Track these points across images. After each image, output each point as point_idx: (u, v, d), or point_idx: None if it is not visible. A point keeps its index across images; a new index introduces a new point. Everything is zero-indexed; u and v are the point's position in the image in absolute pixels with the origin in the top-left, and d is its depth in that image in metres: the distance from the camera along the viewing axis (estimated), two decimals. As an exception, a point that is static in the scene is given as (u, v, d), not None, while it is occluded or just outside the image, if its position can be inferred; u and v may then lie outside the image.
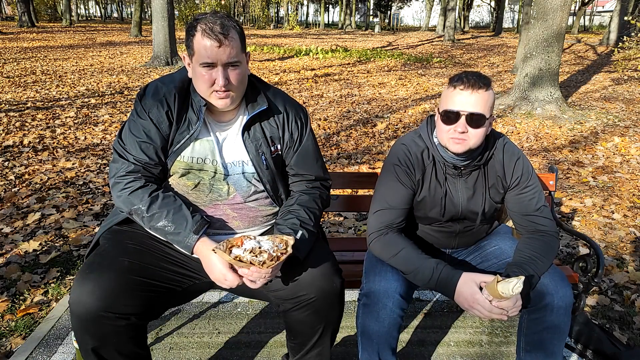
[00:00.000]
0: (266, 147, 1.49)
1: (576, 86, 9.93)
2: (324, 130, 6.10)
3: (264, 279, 1.30)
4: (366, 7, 51.25)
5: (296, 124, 1.53)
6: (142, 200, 1.38)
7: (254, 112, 1.45)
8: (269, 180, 1.51)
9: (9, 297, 2.34)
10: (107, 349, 1.34)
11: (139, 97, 1.43)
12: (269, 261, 1.23)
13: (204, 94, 1.38)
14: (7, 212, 3.34)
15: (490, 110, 1.48)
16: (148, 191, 1.39)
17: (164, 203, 1.39)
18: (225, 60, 1.32)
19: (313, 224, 1.49)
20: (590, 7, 41.24)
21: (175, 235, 1.37)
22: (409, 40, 23.84)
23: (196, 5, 36.68)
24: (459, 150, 1.49)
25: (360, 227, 3.32)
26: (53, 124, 5.90)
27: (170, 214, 1.37)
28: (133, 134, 1.41)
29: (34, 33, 21.05)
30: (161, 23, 11.56)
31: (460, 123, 1.45)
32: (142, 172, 1.41)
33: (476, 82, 1.43)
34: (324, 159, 1.67)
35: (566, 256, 2.94)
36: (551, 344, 1.53)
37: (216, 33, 1.29)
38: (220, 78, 1.32)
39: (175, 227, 1.36)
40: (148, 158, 1.40)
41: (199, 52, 1.31)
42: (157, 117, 1.40)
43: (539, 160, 5.00)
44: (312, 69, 12.21)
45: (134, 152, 1.40)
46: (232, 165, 1.47)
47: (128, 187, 1.39)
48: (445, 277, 1.43)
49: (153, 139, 1.40)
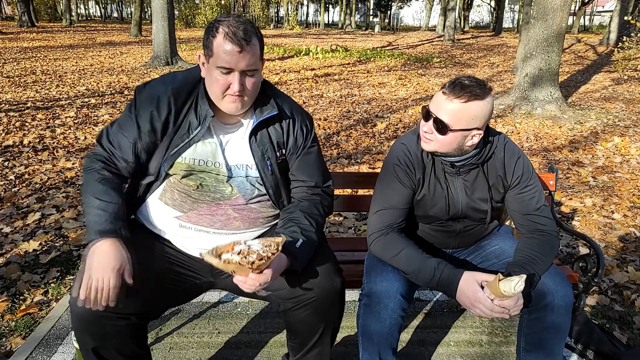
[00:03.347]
0: (272, 152, 1.48)
1: (576, 86, 9.93)
2: (324, 130, 6.10)
3: (259, 286, 1.25)
4: (366, 7, 51.26)
5: (302, 130, 1.52)
6: (89, 184, 1.36)
7: (262, 117, 1.43)
8: (272, 186, 1.50)
9: (9, 297, 2.34)
10: (108, 349, 1.34)
11: (137, 91, 1.43)
12: (258, 261, 1.20)
13: (216, 97, 1.36)
14: (7, 212, 3.34)
15: (464, 123, 1.42)
16: (99, 177, 1.38)
17: (99, 192, 1.34)
18: (244, 67, 1.30)
19: (314, 230, 1.47)
20: (590, 7, 41.25)
21: (88, 224, 1.30)
22: (409, 40, 23.84)
23: (196, 5, 36.69)
24: (426, 148, 1.53)
25: (360, 227, 3.32)
26: (53, 124, 5.90)
27: (100, 205, 1.31)
28: (119, 125, 1.43)
29: (34, 33, 21.06)
30: (161, 23, 11.56)
31: (429, 123, 1.48)
32: (109, 161, 1.42)
33: (460, 90, 1.39)
34: (327, 166, 1.65)
35: (566, 256, 2.94)
36: (551, 343, 1.53)
37: (239, 38, 1.27)
38: (236, 84, 1.31)
39: (89, 221, 1.30)
40: (118, 150, 1.41)
41: (218, 54, 1.29)
42: (142, 114, 1.39)
43: (539, 160, 5.00)
44: (312, 69, 12.21)
45: (112, 140, 1.42)
46: (235, 168, 1.46)
47: (89, 171, 1.40)
48: (446, 277, 1.43)
49: (130, 135, 1.41)
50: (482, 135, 1.48)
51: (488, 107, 1.43)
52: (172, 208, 1.47)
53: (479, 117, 1.42)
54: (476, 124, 1.44)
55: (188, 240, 1.50)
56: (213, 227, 1.48)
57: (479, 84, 1.42)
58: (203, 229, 1.48)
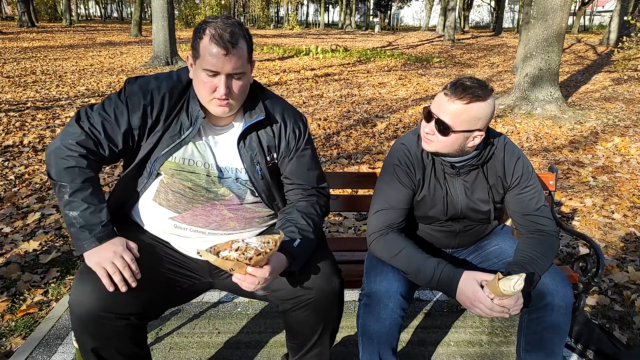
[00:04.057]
0: (261, 156, 1.46)
1: (576, 86, 9.93)
2: (324, 130, 6.10)
3: (258, 284, 1.24)
4: (366, 7, 51.27)
5: (294, 133, 1.50)
6: (73, 182, 1.31)
7: (251, 122, 1.42)
8: (264, 190, 1.49)
9: (9, 297, 2.34)
10: (108, 349, 1.34)
11: (128, 82, 1.41)
12: (256, 256, 1.19)
13: (203, 100, 1.35)
14: (7, 212, 3.34)
15: (466, 124, 1.42)
16: (83, 176, 1.33)
17: (89, 197, 1.32)
18: (230, 71, 1.28)
19: (312, 229, 1.45)
20: (590, 7, 41.25)
21: (79, 232, 1.29)
22: (409, 40, 23.84)
23: (196, 5, 36.69)
24: (427, 149, 1.53)
25: (360, 227, 3.32)
26: (53, 124, 5.90)
27: (88, 211, 1.30)
28: (104, 109, 1.37)
29: (34, 33, 21.06)
30: (161, 23, 11.56)
31: (430, 124, 1.47)
32: (91, 147, 1.35)
33: (462, 92, 1.39)
34: (322, 169, 1.63)
35: (566, 256, 2.94)
36: (551, 343, 1.53)
37: (225, 41, 1.25)
38: (222, 87, 1.29)
39: (83, 226, 1.29)
40: (103, 135, 1.35)
41: (204, 57, 1.28)
42: (134, 105, 1.36)
43: (539, 160, 5.00)
44: (312, 69, 12.21)
45: (94, 123, 1.35)
46: (225, 170, 1.46)
47: (67, 159, 1.32)
48: (446, 276, 1.43)
49: (119, 122, 1.36)
50: (483, 136, 1.48)
51: (490, 108, 1.43)
52: (166, 209, 1.46)
53: (480, 118, 1.42)
54: (478, 125, 1.44)
55: (185, 241, 1.50)
56: (208, 228, 1.48)
57: (480, 85, 1.41)
58: (198, 230, 1.47)
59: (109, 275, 1.26)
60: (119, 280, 1.26)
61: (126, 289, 1.27)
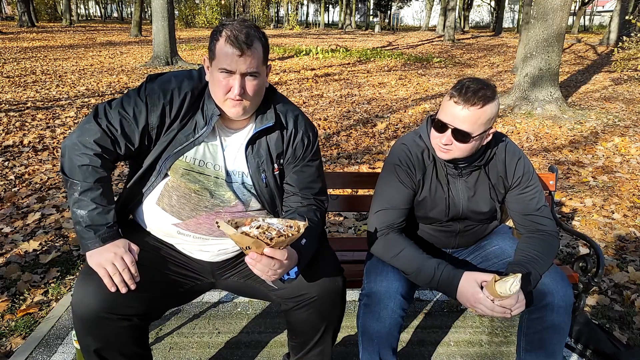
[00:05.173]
0: (268, 164, 1.46)
1: (576, 86, 9.93)
2: (324, 130, 6.10)
3: (269, 271, 1.17)
4: (366, 7, 51.28)
5: (302, 142, 1.50)
6: (85, 180, 1.31)
7: (261, 127, 1.43)
8: (267, 199, 1.49)
9: (9, 297, 2.34)
10: (110, 350, 1.34)
11: (149, 79, 1.41)
12: (277, 237, 1.11)
13: (219, 100, 1.36)
14: (7, 212, 3.34)
15: (483, 127, 1.44)
16: (96, 175, 1.32)
17: (98, 197, 1.32)
18: (244, 70, 1.30)
19: (314, 234, 1.44)
20: (590, 7, 41.25)
21: (84, 231, 1.29)
22: (409, 40, 23.84)
23: (196, 5, 36.70)
24: (444, 158, 1.52)
25: (360, 227, 3.32)
26: (53, 124, 5.90)
27: (95, 212, 1.30)
28: (122, 107, 1.37)
29: (34, 33, 21.05)
30: (161, 23, 11.56)
31: (446, 135, 1.46)
32: (107, 145, 1.34)
33: (473, 96, 1.40)
34: (326, 185, 1.61)
35: (566, 256, 2.94)
36: (551, 343, 1.53)
37: (240, 42, 1.27)
38: (237, 87, 1.30)
39: (89, 225, 1.30)
40: (120, 133, 1.35)
41: (219, 57, 1.30)
42: (154, 104, 1.37)
43: (539, 160, 5.00)
44: (312, 69, 12.21)
45: (112, 120, 1.35)
46: (233, 173, 1.46)
47: (82, 157, 1.32)
48: (446, 277, 1.43)
49: (137, 120, 1.36)
50: (494, 130, 1.52)
51: (498, 104, 1.47)
52: (170, 214, 1.45)
53: (493, 117, 1.46)
54: (491, 124, 1.48)
55: (188, 243, 1.50)
56: (212, 235, 1.47)
57: (485, 85, 1.43)
58: (202, 237, 1.47)
59: (110, 275, 1.26)
60: (119, 282, 1.26)
61: (126, 290, 1.27)
